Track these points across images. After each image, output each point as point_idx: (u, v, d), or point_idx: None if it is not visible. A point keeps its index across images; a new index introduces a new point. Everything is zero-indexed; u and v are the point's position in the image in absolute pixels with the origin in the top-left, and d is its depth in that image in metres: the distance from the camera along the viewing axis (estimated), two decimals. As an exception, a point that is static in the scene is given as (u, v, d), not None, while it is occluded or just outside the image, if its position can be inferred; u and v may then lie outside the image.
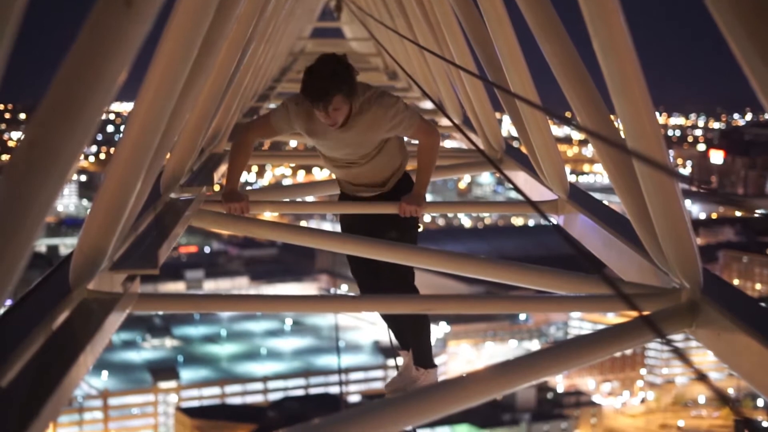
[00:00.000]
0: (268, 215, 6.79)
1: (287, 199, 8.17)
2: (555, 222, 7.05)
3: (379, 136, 6.19)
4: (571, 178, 7.32)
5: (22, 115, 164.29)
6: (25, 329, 3.43)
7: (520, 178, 8.36)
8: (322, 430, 3.01)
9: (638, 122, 4.09)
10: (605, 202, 6.93)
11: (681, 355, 2.69)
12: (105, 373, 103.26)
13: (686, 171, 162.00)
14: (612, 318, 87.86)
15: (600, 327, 4.41)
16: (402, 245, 6.06)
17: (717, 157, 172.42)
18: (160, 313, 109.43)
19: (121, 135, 4.28)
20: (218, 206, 6.74)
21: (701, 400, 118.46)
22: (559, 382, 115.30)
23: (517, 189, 4.38)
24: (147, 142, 4.24)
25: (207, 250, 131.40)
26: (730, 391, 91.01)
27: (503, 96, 7.81)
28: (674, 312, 4.35)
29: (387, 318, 6.42)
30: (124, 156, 4.24)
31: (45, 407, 2.83)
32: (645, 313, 4.30)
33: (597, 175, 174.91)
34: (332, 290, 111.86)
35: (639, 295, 4.60)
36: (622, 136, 4.22)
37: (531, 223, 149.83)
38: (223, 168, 8.58)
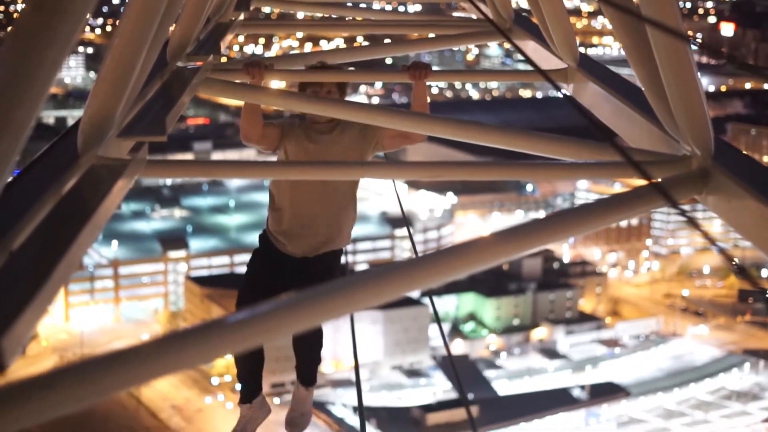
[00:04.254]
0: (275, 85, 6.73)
1: (295, 68, 8.07)
2: (564, 89, 6.99)
3: (366, 147, 6.25)
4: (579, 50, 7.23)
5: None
6: (34, 194, 3.42)
7: (530, 47, 8.25)
8: (329, 295, 3.02)
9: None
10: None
11: (691, 220, 2.68)
12: (115, 242, 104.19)
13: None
14: (619, 189, 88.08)
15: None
16: (410, 112, 6.04)
17: (728, 29, 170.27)
18: (169, 183, 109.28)
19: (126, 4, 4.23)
20: (225, 75, 6.68)
21: (706, 270, 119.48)
22: (565, 252, 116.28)
23: (525, 56, 4.33)
24: (152, 10, 4.18)
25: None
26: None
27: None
28: (685, 179, 4.33)
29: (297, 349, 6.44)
30: (130, 23, 4.19)
31: (55, 270, 2.83)
32: (656, 180, 4.28)
33: (606, 47, 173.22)
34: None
35: (649, 162, 4.57)
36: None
37: (539, 95, 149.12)
38: (229, 37, 8.48)
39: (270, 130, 6.26)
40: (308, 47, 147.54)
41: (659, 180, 4.28)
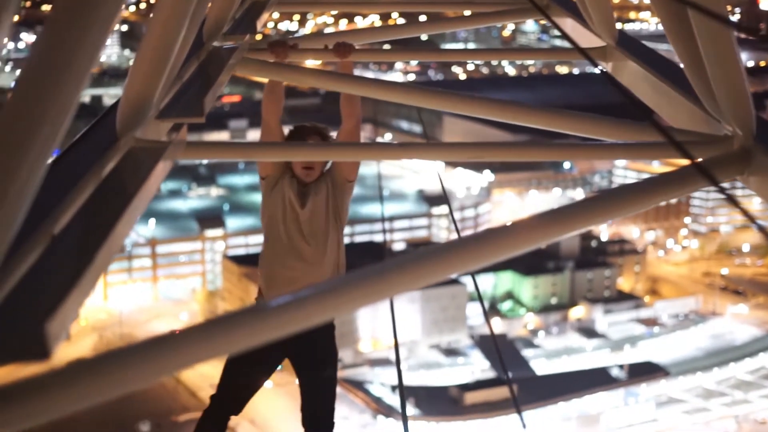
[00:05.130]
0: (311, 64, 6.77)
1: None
2: (603, 68, 6.93)
3: (340, 188, 6.28)
4: (617, 26, 7.15)
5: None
6: (74, 177, 3.43)
7: (567, 24, 8.18)
8: (369, 278, 3.01)
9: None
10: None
11: (732, 199, 2.66)
12: (152, 221, 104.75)
13: (735, 18, 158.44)
14: (657, 167, 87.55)
15: (645, 176, 4.33)
16: (446, 92, 6.01)
17: (766, 3, 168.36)
18: (205, 161, 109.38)
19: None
20: (262, 54, 6.68)
21: (745, 248, 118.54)
22: (603, 230, 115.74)
23: (563, 33, 4.32)
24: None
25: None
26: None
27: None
28: (726, 159, 4.28)
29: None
30: (168, 3, 4.19)
31: (97, 255, 2.84)
32: (697, 160, 4.24)
33: (644, 23, 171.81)
34: (376, 139, 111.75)
35: (690, 142, 4.53)
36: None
37: (576, 71, 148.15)
38: (265, 16, 8.47)
39: (281, 132, 6.33)
40: (343, 24, 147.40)
41: (700, 160, 4.24)
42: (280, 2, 9.51)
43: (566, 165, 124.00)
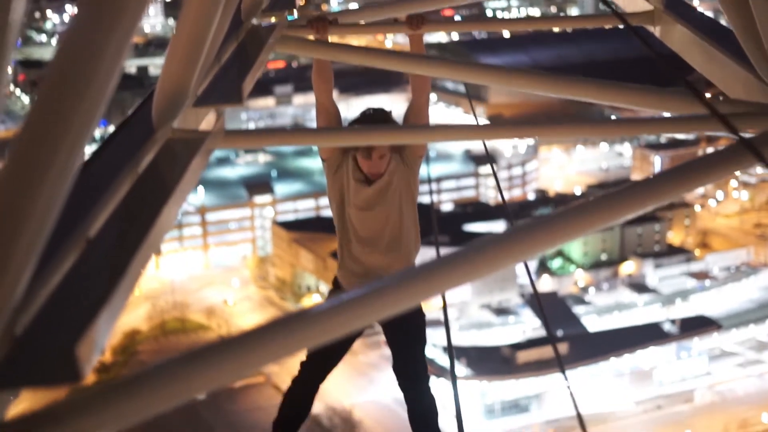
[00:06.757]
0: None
1: (376, 19, 7.90)
2: (652, 32, 6.73)
3: (408, 166, 6.24)
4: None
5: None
6: (111, 174, 3.34)
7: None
8: (455, 262, 2.96)
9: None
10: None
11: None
12: (201, 189, 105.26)
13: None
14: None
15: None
16: (482, 65, 5.90)
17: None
18: (252, 127, 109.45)
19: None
20: (301, 31, 6.57)
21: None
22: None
23: (604, 2, 4.21)
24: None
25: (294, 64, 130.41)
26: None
27: None
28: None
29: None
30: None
31: (134, 260, 2.74)
32: (747, 133, 4.07)
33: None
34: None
35: (742, 114, 4.36)
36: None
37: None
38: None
39: (335, 111, 6.23)
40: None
41: (751, 134, 4.07)
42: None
43: (613, 118, 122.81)
